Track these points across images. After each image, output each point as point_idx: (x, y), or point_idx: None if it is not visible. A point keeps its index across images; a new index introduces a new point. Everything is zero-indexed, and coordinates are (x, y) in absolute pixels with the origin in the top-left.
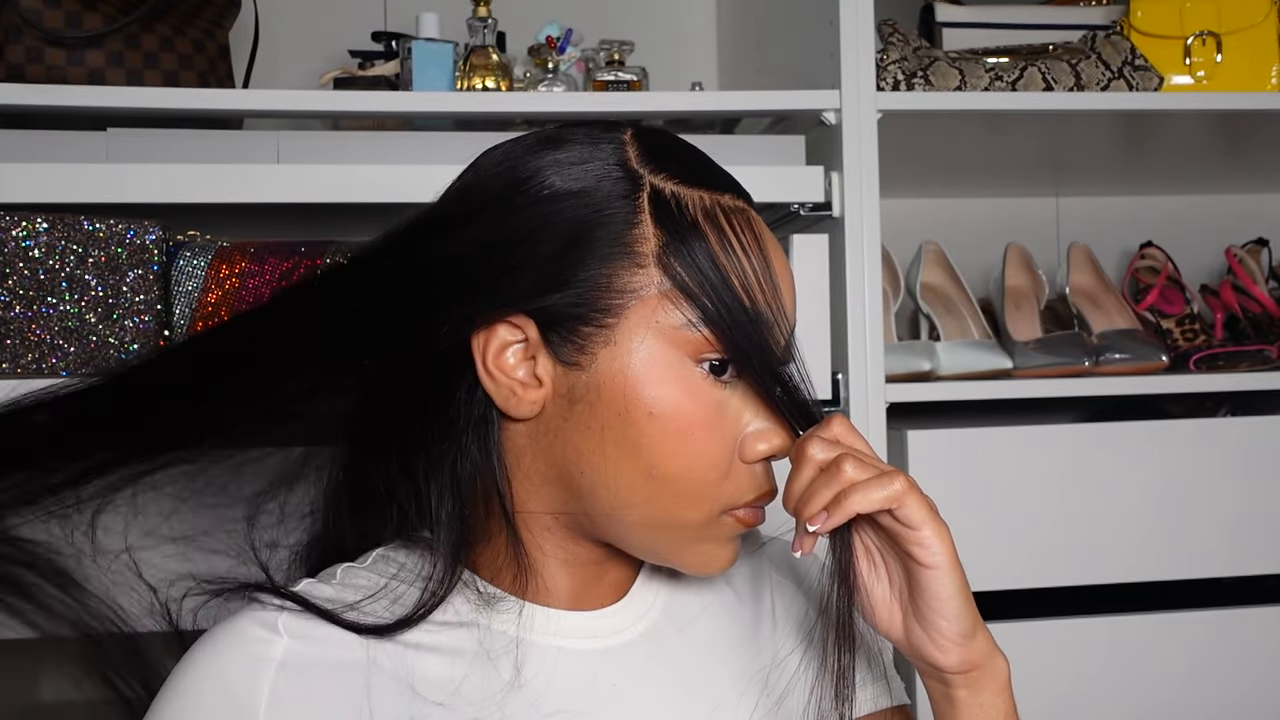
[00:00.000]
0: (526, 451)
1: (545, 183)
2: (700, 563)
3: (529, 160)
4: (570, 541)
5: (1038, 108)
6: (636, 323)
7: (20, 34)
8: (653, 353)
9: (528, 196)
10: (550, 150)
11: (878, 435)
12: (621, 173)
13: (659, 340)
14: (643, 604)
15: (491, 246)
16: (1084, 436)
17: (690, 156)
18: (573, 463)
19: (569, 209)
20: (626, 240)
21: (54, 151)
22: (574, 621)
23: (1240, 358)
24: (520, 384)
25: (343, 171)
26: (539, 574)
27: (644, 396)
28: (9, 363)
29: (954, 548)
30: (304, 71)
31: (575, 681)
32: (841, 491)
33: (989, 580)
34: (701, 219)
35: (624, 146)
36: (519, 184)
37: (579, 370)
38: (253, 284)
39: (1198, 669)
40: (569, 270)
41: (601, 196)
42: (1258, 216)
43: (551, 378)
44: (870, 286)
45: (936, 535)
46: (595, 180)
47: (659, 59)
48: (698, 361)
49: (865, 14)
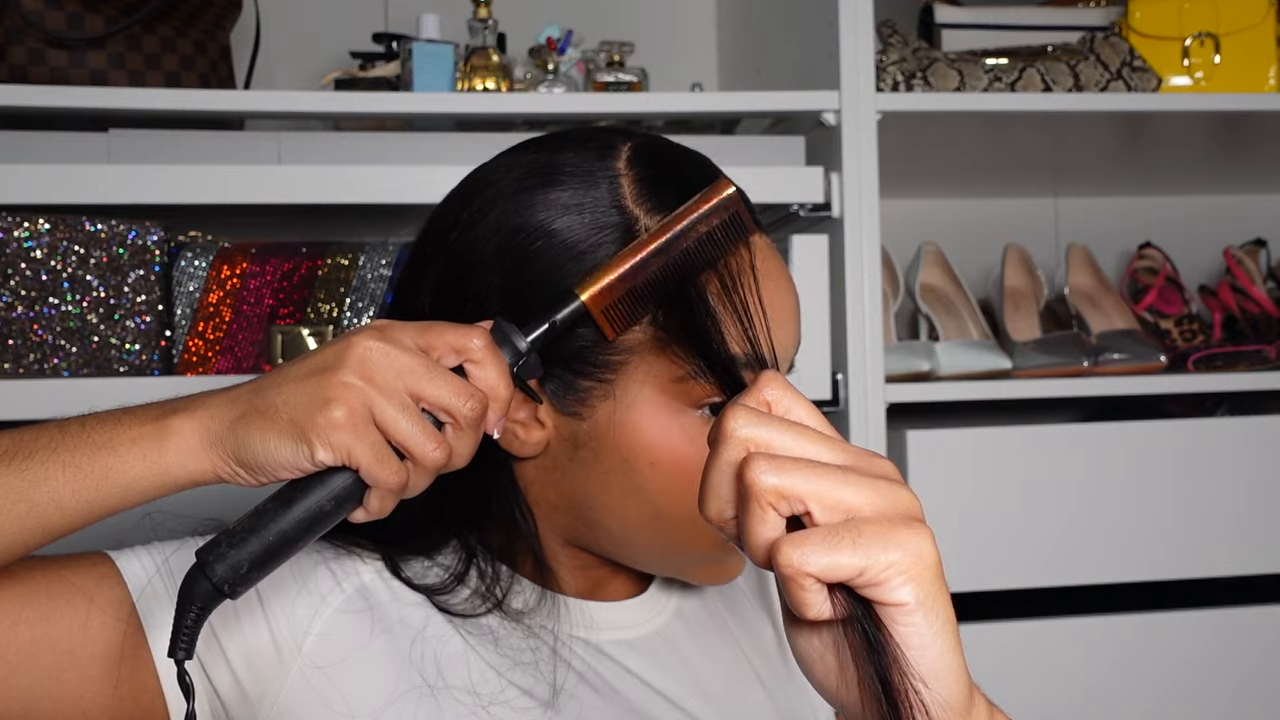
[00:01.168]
0: (535, 483)
1: (539, 235)
2: (711, 576)
3: (521, 206)
4: (583, 553)
5: (1037, 109)
6: (635, 377)
7: (22, 35)
8: (653, 405)
9: (522, 254)
10: (543, 188)
11: (877, 435)
12: (618, 217)
13: (658, 392)
14: (659, 601)
15: (487, 302)
16: (1083, 437)
17: (687, 181)
18: (580, 499)
19: (566, 266)
20: None
21: (56, 152)
22: (595, 612)
23: (1238, 358)
24: (522, 425)
25: (344, 172)
26: (555, 574)
27: (645, 447)
28: (11, 363)
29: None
30: (305, 73)
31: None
32: (772, 542)
33: (988, 580)
34: None
35: (619, 181)
36: (513, 234)
37: (579, 420)
38: (254, 284)
39: (1196, 668)
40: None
41: (597, 251)
42: (1256, 217)
43: (553, 422)
44: (870, 287)
45: None
46: (589, 230)
47: (659, 60)
48: (697, 407)
49: (865, 15)
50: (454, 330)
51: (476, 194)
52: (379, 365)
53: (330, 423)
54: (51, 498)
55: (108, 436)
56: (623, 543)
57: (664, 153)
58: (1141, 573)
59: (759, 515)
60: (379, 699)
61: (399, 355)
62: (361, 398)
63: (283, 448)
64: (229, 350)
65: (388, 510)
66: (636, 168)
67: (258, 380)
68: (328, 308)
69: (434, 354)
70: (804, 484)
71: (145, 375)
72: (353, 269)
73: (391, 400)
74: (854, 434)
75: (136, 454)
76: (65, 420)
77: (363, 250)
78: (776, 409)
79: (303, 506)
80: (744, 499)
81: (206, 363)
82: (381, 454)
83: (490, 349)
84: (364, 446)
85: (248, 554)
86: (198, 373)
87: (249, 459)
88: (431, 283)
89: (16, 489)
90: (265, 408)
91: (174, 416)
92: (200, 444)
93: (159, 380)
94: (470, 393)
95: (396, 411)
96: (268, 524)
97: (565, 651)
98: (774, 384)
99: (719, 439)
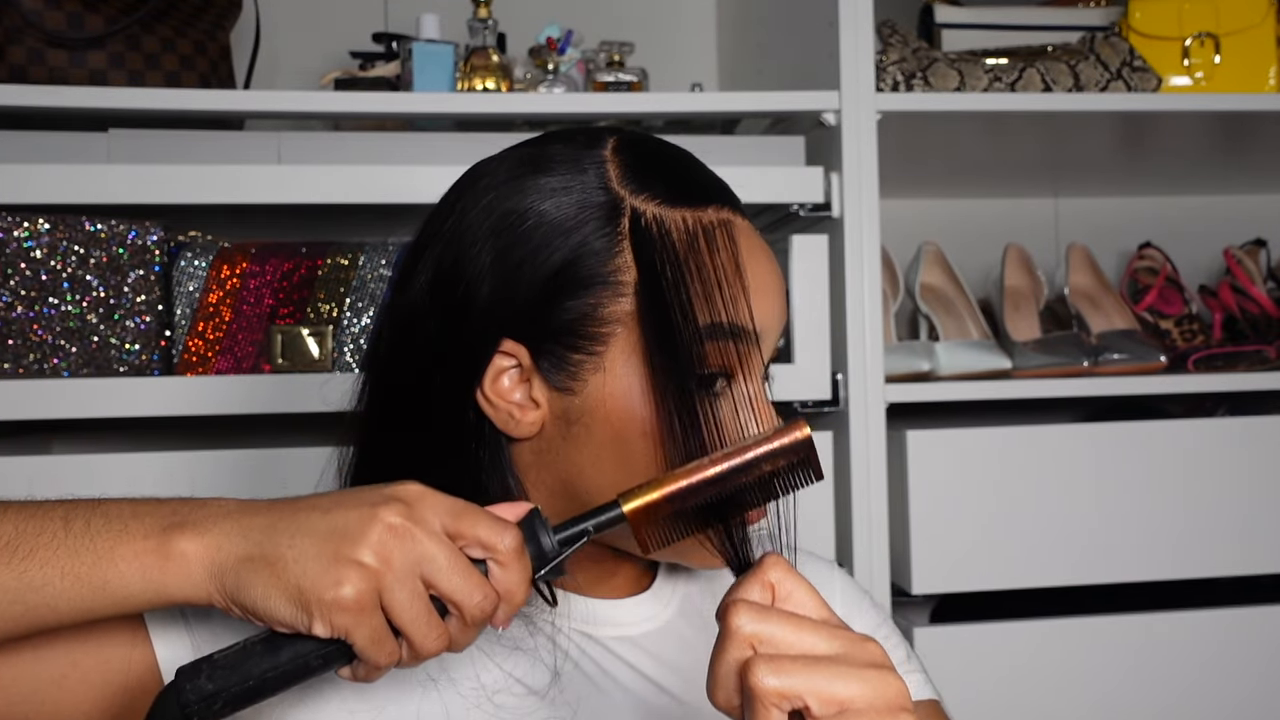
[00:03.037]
0: (532, 467)
1: (530, 215)
2: (709, 560)
3: (512, 191)
4: None
5: (1036, 109)
6: (623, 348)
7: (22, 35)
8: (642, 376)
9: (513, 234)
10: (533, 174)
11: (877, 435)
12: (604, 196)
13: (646, 364)
14: (664, 596)
15: (481, 281)
16: (1083, 437)
17: (673, 168)
18: (575, 479)
19: (554, 242)
20: (608, 270)
21: (56, 152)
22: (598, 609)
23: (1238, 358)
24: (518, 406)
25: (343, 172)
26: None
27: (636, 418)
28: (11, 363)
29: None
30: (305, 72)
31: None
32: None
33: (988, 580)
34: (681, 243)
35: (605, 165)
36: (505, 216)
37: (571, 395)
38: (254, 284)
39: (1196, 668)
40: (555, 302)
41: (584, 227)
42: (1256, 217)
43: (547, 400)
44: (870, 287)
45: None
46: (577, 209)
47: (659, 59)
48: None
49: (865, 15)
50: (486, 524)
51: (470, 185)
52: (400, 550)
53: (336, 603)
54: (47, 603)
55: (110, 545)
56: None
57: (648, 142)
58: (1142, 573)
59: (764, 714)
60: (382, 693)
61: (423, 542)
62: (373, 582)
63: (282, 609)
64: (229, 350)
65: (375, 680)
66: (622, 155)
67: (275, 511)
68: (327, 308)
69: (460, 542)
70: (803, 684)
71: (145, 375)
72: (352, 269)
73: (404, 586)
74: (854, 434)
75: (136, 570)
76: (72, 509)
77: (362, 250)
78: (779, 591)
79: (290, 657)
80: (749, 698)
81: (206, 362)
82: (379, 637)
83: (518, 553)
84: (364, 631)
85: (224, 691)
86: (197, 372)
87: (246, 605)
88: (428, 268)
89: (14, 591)
90: (275, 558)
91: (180, 536)
92: (202, 574)
93: (159, 380)
94: (486, 593)
95: (406, 598)
96: (252, 666)
97: (565, 643)
98: (776, 568)
99: (724, 635)
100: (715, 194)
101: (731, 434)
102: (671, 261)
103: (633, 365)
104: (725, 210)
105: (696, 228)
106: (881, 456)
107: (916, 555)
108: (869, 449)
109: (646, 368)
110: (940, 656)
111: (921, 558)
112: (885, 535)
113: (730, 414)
